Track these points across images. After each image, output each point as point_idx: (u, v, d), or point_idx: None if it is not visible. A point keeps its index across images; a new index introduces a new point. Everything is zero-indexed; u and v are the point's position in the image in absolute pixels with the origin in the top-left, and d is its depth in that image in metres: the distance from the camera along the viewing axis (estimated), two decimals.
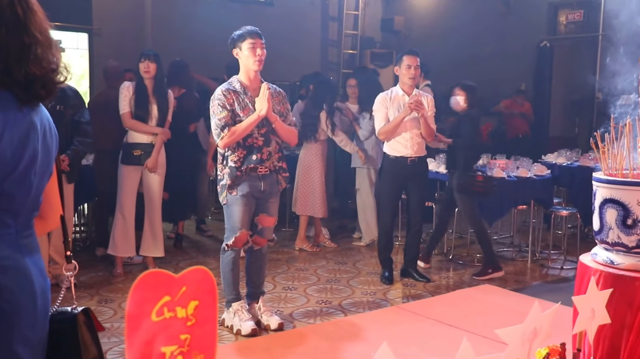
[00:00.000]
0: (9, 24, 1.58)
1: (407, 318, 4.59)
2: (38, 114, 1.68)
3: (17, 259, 1.64)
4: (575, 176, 6.99)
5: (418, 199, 5.54)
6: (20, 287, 1.64)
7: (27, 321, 1.66)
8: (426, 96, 5.49)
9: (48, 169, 1.74)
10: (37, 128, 1.65)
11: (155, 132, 5.37)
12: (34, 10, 1.64)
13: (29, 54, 1.60)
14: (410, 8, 12.33)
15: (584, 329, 2.61)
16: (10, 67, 1.58)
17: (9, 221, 1.63)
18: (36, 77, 1.62)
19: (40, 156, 1.67)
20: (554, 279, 5.80)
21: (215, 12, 9.92)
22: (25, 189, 1.64)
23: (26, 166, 1.62)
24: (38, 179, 1.69)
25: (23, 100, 1.61)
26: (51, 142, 1.74)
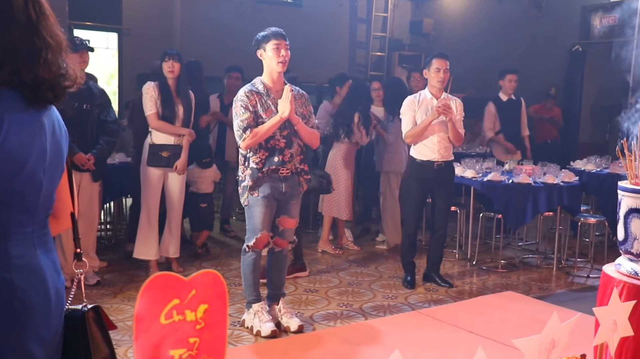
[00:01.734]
0: (21, 26, 1.60)
1: (428, 323, 4.56)
2: (46, 114, 1.70)
3: (31, 258, 1.66)
4: (604, 184, 6.86)
5: (443, 204, 5.50)
6: (34, 286, 1.65)
7: (41, 320, 1.67)
8: (455, 100, 5.44)
9: (59, 167, 1.76)
10: (44, 127, 1.67)
11: (182, 133, 5.39)
12: (46, 15, 1.66)
13: (39, 57, 1.62)
14: (440, 10, 12.25)
15: (605, 341, 2.56)
16: (20, 68, 1.59)
17: (24, 219, 1.65)
18: (44, 80, 1.64)
19: (50, 154, 1.69)
20: (580, 288, 5.70)
21: (243, 13, 9.99)
22: (35, 187, 1.65)
23: (35, 165, 1.64)
24: (48, 178, 1.70)
25: (30, 100, 1.63)
26: (61, 141, 1.76)
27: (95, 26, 9.55)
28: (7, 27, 1.58)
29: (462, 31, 11.43)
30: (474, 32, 11.07)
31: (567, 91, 11.04)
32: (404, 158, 6.58)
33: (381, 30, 12.04)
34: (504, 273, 6.04)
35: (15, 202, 1.61)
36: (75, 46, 4.91)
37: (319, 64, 10.19)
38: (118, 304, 4.76)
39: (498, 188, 6.00)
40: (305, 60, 8.93)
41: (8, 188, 1.58)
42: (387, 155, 6.71)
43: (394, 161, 6.65)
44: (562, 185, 6.09)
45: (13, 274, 1.61)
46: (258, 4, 10.69)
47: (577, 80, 10.95)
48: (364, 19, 12.12)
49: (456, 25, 11.80)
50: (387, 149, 6.68)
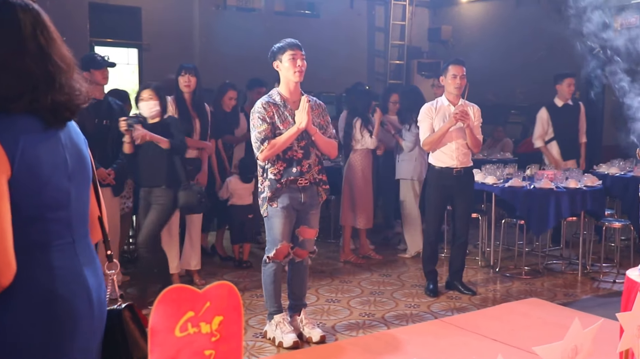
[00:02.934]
0: (33, 54, 1.64)
1: (451, 332, 4.52)
2: (63, 129, 1.75)
3: (74, 268, 1.71)
4: (628, 187, 6.77)
5: (464, 211, 5.46)
6: (78, 297, 1.70)
7: (85, 329, 1.71)
8: (472, 106, 5.42)
9: (85, 176, 1.81)
10: (60, 139, 1.72)
11: (201, 147, 5.42)
12: (54, 39, 1.70)
13: (54, 82, 1.67)
14: (458, 17, 12.22)
15: (629, 347, 2.51)
16: (38, 95, 1.64)
17: (62, 231, 1.70)
18: (61, 102, 1.69)
19: (71, 162, 1.74)
20: (606, 294, 5.62)
21: (261, 25, 10.05)
22: (64, 196, 1.70)
23: (58, 176, 1.68)
24: (76, 185, 1.75)
25: (50, 123, 1.68)
26: (80, 146, 1.81)
27: (115, 42, 9.67)
28: (20, 56, 1.63)
29: (481, 37, 11.38)
30: (492, 38, 11.02)
31: (589, 94, 10.92)
32: (423, 165, 6.55)
33: (399, 39, 12.03)
34: (528, 279, 5.97)
35: (49, 215, 1.66)
36: (98, 64, 4.99)
37: (338, 73, 10.20)
38: None
39: (520, 194, 5.95)
40: (324, 70, 8.96)
41: (38, 202, 1.63)
42: (405, 163, 6.69)
43: (413, 168, 6.63)
44: (585, 189, 6.02)
45: (57, 285, 1.65)
46: (276, 15, 10.75)
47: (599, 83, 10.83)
48: (382, 28, 12.13)
49: (474, 31, 11.76)
50: (405, 156, 6.67)
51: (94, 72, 4.96)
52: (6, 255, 1.56)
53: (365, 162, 6.51)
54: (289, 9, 11.09)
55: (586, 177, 6.22)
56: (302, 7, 11.33)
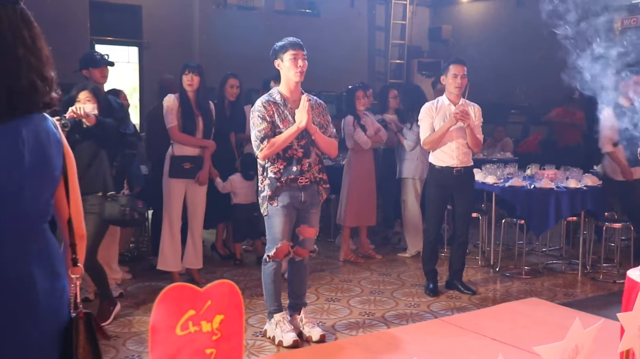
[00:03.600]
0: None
1: (451, 331, 4.52)
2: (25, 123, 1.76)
3: (19, 262, 1.71)
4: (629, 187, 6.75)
5: (464, 210, 5.46)
6: (17, 289, 1.70)
7: (23, 324, 1.71)
8: (473, 106, 5.42)
9: (47, 174, 1.81)
10: (21, 135, 1.74)
11: (204, 145, 5.42)
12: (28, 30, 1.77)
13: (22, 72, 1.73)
14: (458, 16, 12.22)
15: (630, 347, 2.51)
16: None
17: (10, 224, 1.71)
18: (20, 94, 1.73)
19: (30, 161, 1.74)
20: (606, 293, 5.61)
21: (261, 24, 10.05)
22: (12, 192, 1.71)
23: (8, 171, 1.70)
24: (33, 184, 1.75)
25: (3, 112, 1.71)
26: (47, 148, 1.81)
27: (116, 41, 9.67)
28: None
29: (482, 37, 11.38)
30: (493, 37, 11.01)
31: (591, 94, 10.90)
32: (424, 165, 6.54)
33: (400, 38, 12.03)
34: (528, 279, 5.97)
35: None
36: (97, 62, 4.98)
37: (338, 73, 10.21)
38: (140, 316, 4.78)
39: (520, 193, 5.95)
40: (324, 69, 8.96)
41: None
42: (407, 162, 6.68)
43: (414, 167, 6.63)
44: (586, 189, 6.02)
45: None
46: (276, 14, 10.75)
47: None
48: (383, 27, 12.13)
49: (475, 31, 11.76)
50: (406, 156, 6.66)
51: (92, 71, 4.95)
52: None
53: (359, 161, 6.49)
54: (289, 8, 11.08)
55: (586, 177, 6.21)
56: (303, 6, 11.33)
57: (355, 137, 6.33)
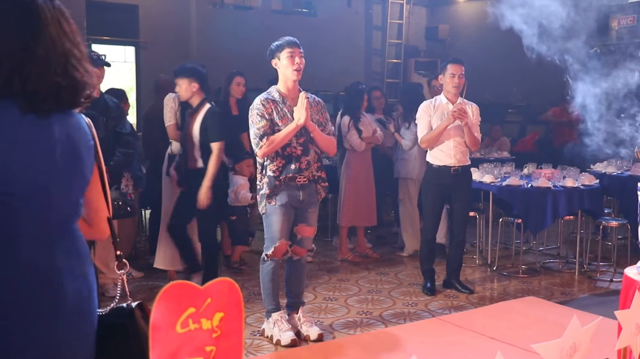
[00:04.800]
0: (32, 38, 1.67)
1: (448, 330, 4.52)
2: (58, 120, 1.74)
3: (46, 260, 1.69)
4: (626, 186, 6.78)
5: (461, 209, 5.47)
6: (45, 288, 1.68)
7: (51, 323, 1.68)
8: (471, 105, 5.43)
9: (77, 173, 1.79)
10: (53, 133, 1.71)
11: None
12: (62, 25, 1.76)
13: (61, 66, 1.71)
14: (455, 16, 12.23)
15: (628, 345, 2.52)
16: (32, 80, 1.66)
17: (37, 223, 1.68)
18: (66, 87, 1.71)
19: (61, 159, 1.72)
20: (603, 292, 5.63)
21: (258, 23, 10.05)
22: (39, 190, 1.68)
23: (35, 169, 1.67)
24: (62, 184, 1.73)
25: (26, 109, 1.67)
26: (79, 146, 1.79)
27: (113, 40, 9.65)
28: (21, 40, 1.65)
29: (479, 36, 11.39)
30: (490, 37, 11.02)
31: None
32: (422, 164, 6.55)
33: (397, 37, 12.04)
34: (525, 278, 5.98)
35: (18, 204, 1.64)
36: (94, 62, 4.97)
37: (335, 72, 10.20)
38: None
39: (517, 193, 5.96)
40: (321, 69, 8.94)
41: (6, 190, 1.62)
42: (404, 161, 6.69)
43: (411, 167, 6.63)
44: (583, 188, 6.03)
45: (21, 275, 1.63)
46: (273, 14, 10.75)
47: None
48: (380, 27, 12.13)
49: (472, 30, 11.77)
50: (404, 155, 6.67)
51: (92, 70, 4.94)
52: None
53: (364, 159, 6.51)
54: (286, 8, 11.08)
55: (583, 176, 6.23)
56: (300, 6, 11.32)
57: (350, 139, 6.34)
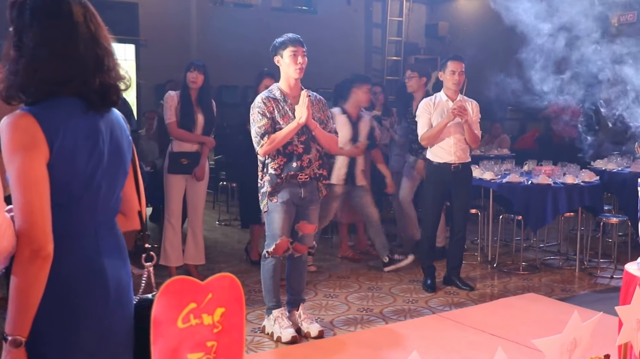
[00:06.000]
0: (85, 39, 1.73)
1: (449, 327, 4.53)
2: (104, 118, 1.79)
3: (93, 258, 1.74)
4: (626, 183, 6.78)
5: (461, 206, 5.47)
6: (93, 285, 1.73)
7: (99, 319, 1.74)
8: (471, 102, 5.43)
9: (120, 169, 1.83)
10: (102, 131, 1.76)
11: (201, 141, 5.43)
12: (101, 26, 1.80)
13: (102, 65, 1.75)
14: (455, 13, 12.22)
15: (628, 340, 2.52)
16: (88, 78, 1.71)
17: (86, 221, 1.74)
18: (110, 85, 1.76)
19: (108, 157, 1.77)
20: (603, 289, 5.63)
21: (258, 21, 10.04)
22: (93, 189, 1.73)
23: (92, 168, 1.72)
24: (108, 180, 1.78)
25: (96, 106, 1.74)
26: (121, 142, 1.84)
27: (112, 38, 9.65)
28: (73, 42, 1.71)
29: (478, 33, 11.39)
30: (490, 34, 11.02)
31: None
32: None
33: (396, 35, 12.03)
34: (526, 275, 5.98)
35: (75, 204, 1.70)
36: None
37: (335, 70, 10.16)
38: None
39: (517, 189, 5.96)
40: (321, 66, 8.93)
41: (67, 191, 1.67)
42: (397, 157, 6.73)
43: (404, 162, 6.66)
44: (583, 185, 6.03)
45: (74, 274, 1.70)
46: (273, 11, 10.75)
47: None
48: (379, 24, 12.12)
49: (472, 28, 11.76)
50: (397, 151, 6.71)
51: None
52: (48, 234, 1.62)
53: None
54: (286, 5, 11.08)
55: (584, 173, 6.23)
56: (299, 3, 11.32)
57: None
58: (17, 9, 1.71)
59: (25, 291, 1.61)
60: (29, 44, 1.68)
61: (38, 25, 1.69)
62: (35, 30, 1.68)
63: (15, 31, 1.71)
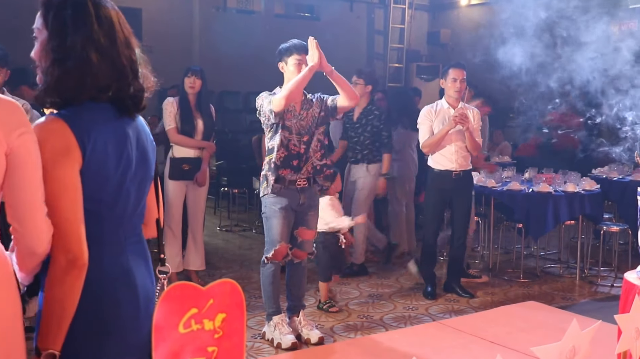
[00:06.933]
0: (122, 44, 1.73)
1: (449, 334, 4.53)
2: (132, 124, 1.79)
3: (123, 265, 1.74)
4: (626, 191, 6.78)
5: (462, 214, 5.48)
6: (124, 294, 1.72)
7: (129, 327, 1.73)
8: (472, 109, 5.45)
9: (146, 175, 1.83)
10: (129, 137, 1.75)
11: (202, 147, 5.45)
12: (131, 32, 1.80)
13: (136, 71, 1.76)
14: (457, 21, 12.26)
15: (627, 349, 2.53)
16: (126, 83, 1.72)
17: (116, 228, 1.73)
18: (142, 91, 1.77)
19: (136, 163, 1.76)
20: (604, 297, 5.63)
21: (260, 27, 10.08)
22: (123, 196, 1.73)
23: (121, 174, 1.71)
24: (136, 186, 1.78)
25: (129, 112, 1.74)
26: (147, 148, 1.83)
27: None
28: (116, 46, 1.71)
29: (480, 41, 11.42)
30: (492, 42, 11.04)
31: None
32: (410, 165, 6.64)
33: (398, 42, 12.06)
34: (526, 282, 5.98)
35: (106, 211, 1.69)
36: None
37: None
38: None
39: (518, 197, 5.97)
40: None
41: (97, 197, 1.66)
42: (393, 162, 6.74)
43: (400, 167, 6.68)
44: (584, 193, 6.04)
45: (104, 281, 1.68)
46: (276, 18, 10.79)
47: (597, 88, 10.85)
48: (381, 31, 12.16)
49: (474, 35, 11.79)
50: (392, 156, 6.73)
51: None
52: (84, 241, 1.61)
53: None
54: (289, 12, 11.12)
55: (584, 181, 6.24)
56: (302, 10, 11.36)
57: None
58: (55, 11, 1.67)
59: (61, 302, 1.58)
60: (76, 47, 1.65)
61: (84, 29, 1.66)
62: (82, 33, 1.66)
63: (53, 34, 1.67)
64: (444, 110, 5.38)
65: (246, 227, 8.31)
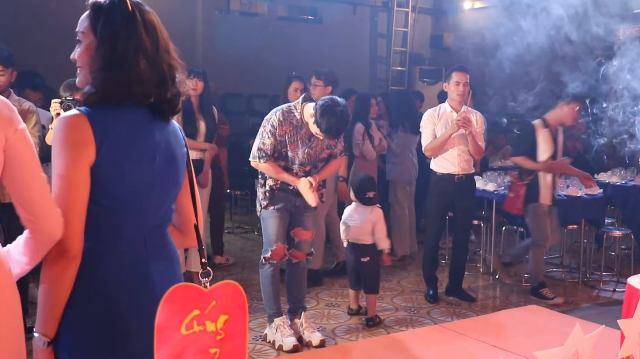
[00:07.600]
0: (163, 50, 1.75)
1: (450, 337, 4.52)
2: (165, 128, 1.80)
3: (141, 265, 1.74)
4: (629, 196, 6.78)
5: (465, 217, 5.47)
6: (140, 293, 1.72)
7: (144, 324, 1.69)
8: (475, 113, 5.44)
9: (173, 179, 1.84)
10: (155, 139, 1.76)
11: (204, 148, 5.46)
12: (169, 37, 1.81)
13: (174, 76, 1.77)
14: (460, 24, 12.24)
15: (630, 354, 2.52)
16: (165, 88, 1.74)
17: (135, 225, 1.73)
18: (178, 95, 1.79)
19: (160, 166, 1.77)
20: (606, 302, 5.62)
21: (263, 30, 10.08)
22: (142, 194, 1.73)
23: (142, 174, 1.72)
24: (160, 189, 1.78)
25: (164, 115, 1.76)
26: (176, 153, 1.83)
27: None
28: (160, 52, 1.73)
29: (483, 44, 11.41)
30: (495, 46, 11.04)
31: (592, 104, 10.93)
32: (410, 169, 6.64)
33: (401, 45, 12.06)
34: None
35: (122, 207, 1.70)
36: None
37: (340, 79, 10.20)
38: None
39: None
40: None
41: (113, 193, 1.68)
42: (393, 165, 6.77)
43: (400, 171, 6.67)
44: (586, 198, 6.03)
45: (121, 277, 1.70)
46: (279, 21, 10.79)
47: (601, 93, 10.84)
48: (384, 34, 12.16)
49: (477, 39, 11.78)
50: (393, 159, 6.74)
51: None
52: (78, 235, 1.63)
53: (371, 167, 6.50)
54: (292, 15, 11.12)
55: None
56: (305, 13, 11.36)
57: (364, 149, 6.34)
58: (104, 19, 1.69)
59: (48, 291, 1.63)
60: (127, 55, 1.67)
61: (134, 37, 1.69)
62: (132, 42, 1.68)
63: (103, 41, 1.69)
64: (447, 113, 5.37)
65: (248, 229, 8.31)
